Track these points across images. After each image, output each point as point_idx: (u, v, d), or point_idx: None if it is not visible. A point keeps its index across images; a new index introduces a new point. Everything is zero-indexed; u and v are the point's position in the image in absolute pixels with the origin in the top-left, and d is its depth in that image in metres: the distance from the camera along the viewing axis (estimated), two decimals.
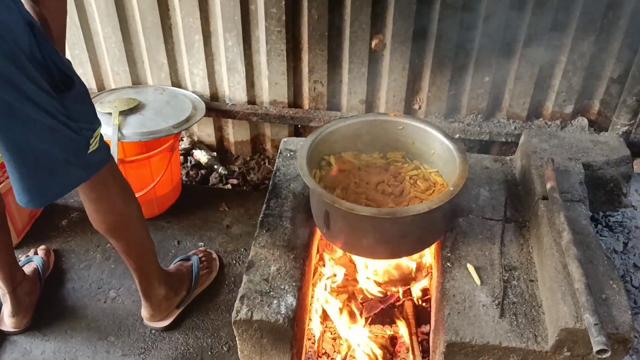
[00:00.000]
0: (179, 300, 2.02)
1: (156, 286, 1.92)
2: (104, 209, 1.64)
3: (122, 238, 1.74)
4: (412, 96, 2.51)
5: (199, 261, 2.15)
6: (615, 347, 1.40)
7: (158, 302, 1.95)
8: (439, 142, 1.80)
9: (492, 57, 2.31)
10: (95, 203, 1.63)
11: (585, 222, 1.65)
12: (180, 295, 2.03)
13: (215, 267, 2.21)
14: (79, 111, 1.40)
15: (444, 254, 1.69)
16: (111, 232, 1.70)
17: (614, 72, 2.29)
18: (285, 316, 1.51)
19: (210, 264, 2.19)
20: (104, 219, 1.66)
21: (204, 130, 2.83)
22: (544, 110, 2.47)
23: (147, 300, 1.94)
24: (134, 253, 1.79)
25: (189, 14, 2.40)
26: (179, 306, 2.02)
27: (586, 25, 2.17)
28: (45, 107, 1.29)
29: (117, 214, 1.67)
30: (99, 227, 1.68)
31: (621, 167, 1.99)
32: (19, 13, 1.23)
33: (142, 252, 1.83)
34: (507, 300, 1.55)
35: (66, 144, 1.38)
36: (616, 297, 1.44)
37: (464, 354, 1.48)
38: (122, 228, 1.71)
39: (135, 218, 1.74)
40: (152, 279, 1.90)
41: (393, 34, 2.30)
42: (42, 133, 1.32)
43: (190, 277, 2.08)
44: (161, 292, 1.94)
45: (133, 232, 1.76)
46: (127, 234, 1.74)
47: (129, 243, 1.77)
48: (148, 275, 1.88)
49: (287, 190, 1.93)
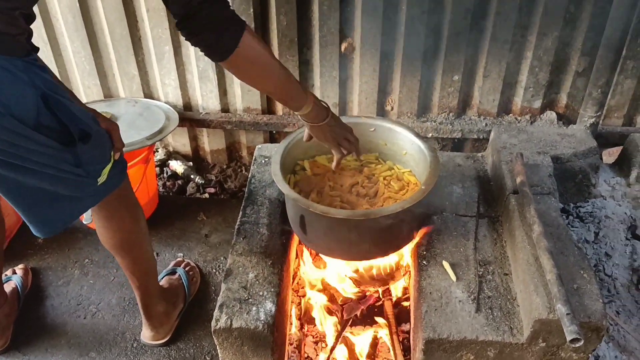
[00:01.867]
0: (177, 313, 2.03)
1: (156, 303, 1.92)
2: (113, 227, 1.65)
3: (129, 256, 1.74)
4: (384, 97, 2.53)
5: (185, 271, 2.16)
6: (588, 336, 1.42)
7: (159, 319, 1.95)
8: (410, 142, 1.82)
9: (460, 55, 2.34)
10: (105, 220, 1.63)
11: (555, 214, 1.69)
12: (179, 308, 2.04)
13: (198, 275, 2.22)
14: (91, 156, 1.35)
15: (419, 252, 1.71)
16: (119, 249, 1.70)
17: (579, 65, 2.34)
18: (264, 322, 1.51)
19: (194, 273, 2.21)
20: (113, 237, 1.67)
21: (179, 141, 2.83)
22: (513, 106, 2.51)
23: (149, 319, 1.93)
24: (139, 271, 1.79)
25: (158, 25, 2.40)
26: (175, 319, 2.03)
27: (549, 20, 2.22)
28: (48, 162, 1.24)
29: (125, 232, 1.68)
30: (107, 244, 1.69)
31: (589, 159, 2.04)
32: (29, 85, 1.15)
33: (147, 270, 1.83)
34: (483, 294, 1.57)
35: (70, 185, 1.35)
36: (587, 287, 1.47)
37: (442, 350, 1.50)
38: (130, 246, 1.71)
39: (143, 236, 1.75)
40: (154, 296, 1.90)
41: (362, 37, 2.33)
42: (42, 178, 1.28)
43: (183, 288, 2.10)
44: (161, 309, 1.94)
45: (140, 250, 1.77)
46: (134, 252, 1.74)
47: (135, 261, 1.76)
48: (150, 293, 1.88)
49: (262, 196, 1.94)
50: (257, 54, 1.37)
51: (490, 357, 1.50)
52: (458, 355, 1.51)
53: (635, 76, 2.38)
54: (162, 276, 2.15)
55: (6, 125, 1.12)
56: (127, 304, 2.12)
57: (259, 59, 1.39)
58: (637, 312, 1.91)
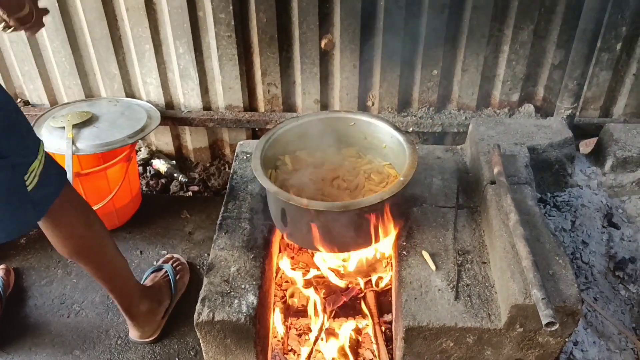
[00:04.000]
0: (164, 310, 2.01)
1: (138, 303, 1.89)
2: (62, 234, 1.59)
3: (89, 262, 1.69)
4: (365, 93, 2.56)
5: (172, 268, 2.14)
6: (564, 320, 1.45)
7: (144, 318, 1.93)
8: (389, 136, 1.85)
9: (438, 50, 2.37)
10: (53, 229, 1.57)
11: (531, 202, 1.72)
12: (164, 305, 2.02)
13: (187, 270, 2.21)
14: (5, 145, 1.30)
15: (399, 243, 1.74)
16: (76, 256, 1.66)
17: (555, 58, 2.38)
18: (246, 315, 1.53)
19: (183, 269, 2.19)
20: (65, 244, 1.61)
21: (162, 139, 2.83)
22: (492, 99, 2.55)
23: (133, 319, 1.91)
24: (106, 275, 1.75)
25: (138, 24, 2.40)
26: (163, 316, 2.01)
27: (524, 14, 2.26)
28: None
29: (77, 238, 1.62)
30: (62, 253, 1.64)
31: (564, 149, 2.07)
32: None
33: (115, 274, 1.79)
34: (462, 283, 1.60)
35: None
36: (563, 272, 1.50)
37: (422, 338, 1.53)
38: (86, 252, 1.66)
39: (100, 240, 1.69)
40: (133, 297, 1.87)
41: (341, 33, 2.35)
42: None
43: (169, 285, 2.08)
44: (144, 308, 1.92)
45: (100, 254, 1.71)
46: (93, 257, 1.69)
47: (98, 266, 1.72)
48: (127, 294, 1.84)
49: (244, 192, 1.95)
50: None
51: (469, 343, 1.53)
52: (438, 343, 1.54)
53: (610, 68, 2.42)
54: (148, 274, 2.14)
55: None
56: (110, 302, 2.12)
57: None
58: (614, 298, 1.95)
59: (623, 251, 2.02)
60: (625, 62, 2.43)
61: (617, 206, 2.14)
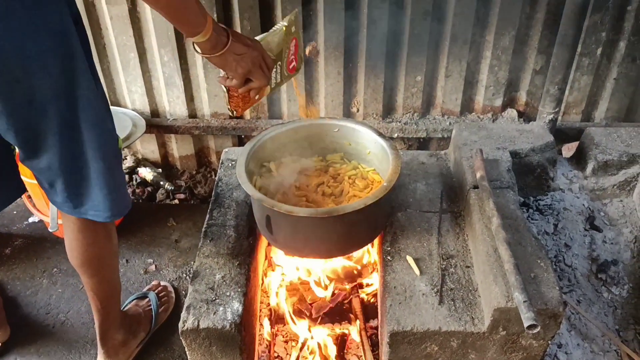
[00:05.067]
0: (137, 343, 1.95)
1: (115, 331, 1.84)
2: (86, 240, 1.59)
3: (96, 274, 1.67)
4: (350, 99, 2.58)
5: (157, 298, 2.08)
6: (546, 323, 1.47)
7: (115, 349, 1.86)
8: (373, 142, 1.86)
9: (421, 56, 2.40)
10: (78, 233, 1.57)
11: (513, 206, 1.73)
12: (139, 338, 1.95)
13: (172, 301, 2.15)
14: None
15: (384, 248, 1.75)
16: (87, 266, 1.64)
17: (536, 63, 2.41)
18: (231, 322, 1.53)
19: (168, 299, 2.14)
20: (85, 251, 1.60)
21: (148, 148, 2.83)
22: (475, 104, 2.58)
23: (104, 346, 1.83)
24: (103, 292, 1.73)
25: (122, 33, 2.40)
26: (137, 346, 1.96)
27: (505, 20, 2.29)
28: None
29: (97, 247, 1.62)
30: (77, 260, 1.62)
31: (546, 153, 2.10)
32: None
33: (112, 294, 1.77)
34: (446, 287, 1.61)
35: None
36: (544, 275, 1.51)
37: (407, 343, 1.53)
38: (100, 263, 1.66)
39: (114, 254, 1.71)
40: (113, 322, 1.82)
41: (325, 40, 2.37)
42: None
43: (149, 316, 2.01)
44: (119, 337, 1.86)
45: (108, 269, 1.71)
46: (102, 271, 1.69)
47: (102, 281, 1.70)
48: (110, 318, 1.80)
49: (230, 199, 1.95)
50: None
51: (453, 347, 1.54)
52: (423, 347, 1.55)
53: (591, 73, 2.46)
54: (132, 299, 2.09)
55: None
56: None
57: None
58: (597, 300, 1.97)
59: (605, 254, 2.05)
60: (605, 66, 2.47)
61: (599, 209, 2.16)
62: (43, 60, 1.20)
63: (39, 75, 1.21)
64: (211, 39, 1.30)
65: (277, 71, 1.59)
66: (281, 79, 1.63)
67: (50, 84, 1.23)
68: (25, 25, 1.15)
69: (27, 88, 1.21)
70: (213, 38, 1.30)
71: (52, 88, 1.24)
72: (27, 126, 1.27)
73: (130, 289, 2.21)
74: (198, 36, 1.28)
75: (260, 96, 1.57)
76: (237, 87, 1.46)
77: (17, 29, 1.13)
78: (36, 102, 1.24)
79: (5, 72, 1.16)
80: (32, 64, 1.18)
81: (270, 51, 1.51)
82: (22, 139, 1.29)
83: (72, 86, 1.27)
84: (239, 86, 1.46)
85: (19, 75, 1.18)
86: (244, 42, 1.38)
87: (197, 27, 1.27)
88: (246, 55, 1.39)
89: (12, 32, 1.13)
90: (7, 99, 1.20)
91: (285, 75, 1.64)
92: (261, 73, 1.44)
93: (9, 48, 1.14)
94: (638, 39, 2.36)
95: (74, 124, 1.31)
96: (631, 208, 2.15)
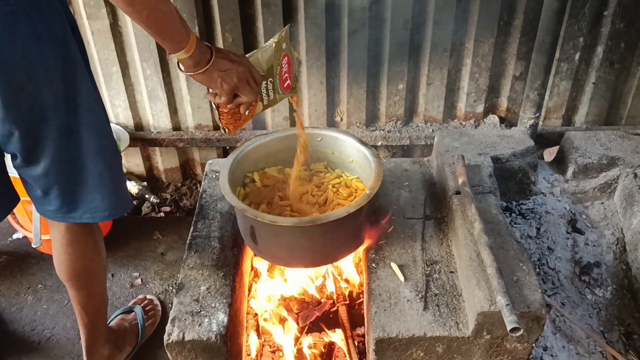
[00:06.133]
0: (124, 358, 1.94)
1: (101, 346, 1.83)
2: (75, 253, 1.59)
3: (84, 288, 1.67)
4: (333, 109, 2.59)
5: (143, 312, 2.07)
6: (529, 325, 1.48)
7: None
8: (355, 150, 1.88)
9: (402, 65, 2.42)
10: (67, 246, 1.57)
11: (495, 211, 1.75)
12: (125, 352, 1.94)
13: (158, 314, 2.14)
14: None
15: (369, 255, 1.76)
16: (76, 279, 1.64)
17: (516, 70, 2.45)
18: (217, 333, 1.53)
19: (154, 313, 2.13)
20: (74, 264, 1.60)
21: (132, 161, 2.82)
22: (457, 111, 2.60)
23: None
24: (91, 307, 1.72)
25: (104, 47, 2.40)
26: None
27: (484, 28, 2.32)
28: None
29: (87, 260, 1.62)
30: (66, 273, 1.62)
31: (527, 158, 2.12)
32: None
33: (99, 308, 1.76)
34: (430, 293, 1.62)
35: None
36: (526, 278, 1.53)
37: (393, 349, 1.54)
38: (87, 277, 1.65)
39: (102, 269, 1.71)
40: (100, 337, 1.82)
41: (307, 50, 2.38)
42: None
43: (136, 331, 2.00)
44: (105, 352, 1.85)
45: (96, 283, 1.71)
46: (90, 285, 1.68)
47: (90, 295, 1.70)
48: (97, 333, 1.79)
49: (214, 211, 1.96)
50: None
51: (439, 352, 1.55)
52: (408, 353, 1.55)
53: (570, 78, 2.50)
54: (118, 314, 2.07)
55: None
56: None
57: None
58: (581, 302, 1.99)
59: (588, 256, 2.07)
60: (584, 71, 2.50)
61: (581, 212, 2.19)
62: (46, 67, 1.23)
63: (42, 82, 1.23)
64: (194, 56, 1.31)
65: (268, 88, 1.58)
66: (274, 96, 1.63)
67: (52, 90, 1.26)
68: (30, 35, 1.18)
69: (30, 95, 1.23)
70: (196, 55, 1.31)
71: (54, 94, 1.27)
72: (29, 133, 1.29)
73: (116, 303, 2.20)
74: (180, 52, 1.28)
75: (251, 113, 1.57)
76: (225, 103, 1.46)
77: (21, 39, 1.16)
78: (38, 109, 1.26)
79: (11, 80, 1.19)
80: (35, 71, 1.21)
81: (260, 67, 1.51)
82: (23, 146, 1.30)
83: (73, 92, 1.30)
84: (227, 102, 1.45)
85: (24, 82, 1.21)
86: (229, 57, 1.38)
87: (179, 44, 1.27)
88: (231, 71, 1.38)
89: (17, 42, 1.16)
90: (12, 106, 1.22)
91: (280, 93, 1.64)
92: (249, 88, 1.44)
93: (15, 57, 1.17)
94: (615, 44, 2.40)
95: (74, 129, 1.34)
96: (612, 210, 2.18)
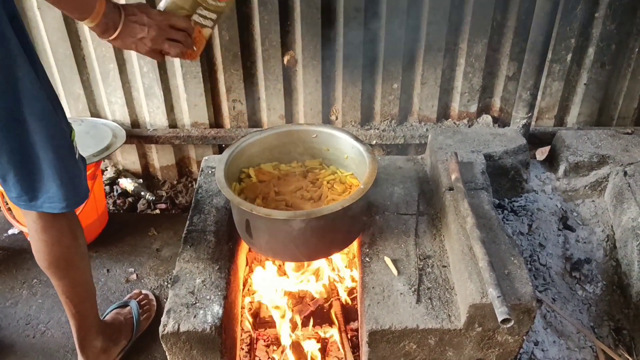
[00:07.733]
0: (119, 351, 1.93)
1: (94, 338, 1.81)
2: (51, 240, 1.57)
3: (65, 276, 1.65)
4: (329, 108, 2.61)
5: (138, 306, 2.07)
6: (520, 318, 1.51)
7: (96, 356, 1.83)
8: (350, 146, 1.90)
9: (397, 64, 2.45)
10: (42, 233, 1.55)
11: (487, 207, 1.78)
12: (120, 346, 1.93)
13: (153, 309, 2.14)
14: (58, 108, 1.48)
15: (363, 250, 1.78)
16: (55, 267, 1.61)
17: (509, 70, 2.48)
18: (212, 325, 1.54)
19: (149, 307, 2.13)
20: (49, 252, 1.58)
21: (128, 158, 2.83)
22: (451, 111, 2.63)
23: (83, 353, 1.81)
24: (76, 296, 1.70)
25: (101, 44, 2.42)
26: (119, 354, 1.94)
27: (478, 28, 2.35)
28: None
29: (64, 247, 1.60)
30: (44, 260, 1.60)
31: (519, 156, 2.15)
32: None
33: (85, 297, 1.74)
34: (423, 286, 1.64)
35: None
36: (518, 272, 1.56)
37: (386, 341, 1.56)
38: (66, 264, 1.63)
39: (82, 255, 1.67)
40: (91, 328, 1.80)
41: (303, 49, 2.41)
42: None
43: (131, 324, 2.00)
44: (98, 345, 1.83)
45: (78, 271, 1.68)
46: (71, 272, 1.66)
47: (72, 283, 1.68)
48: (87, 324, 1.77)
49: (209, 205, 1.97)
50: None
51: (431, 344, 1.57)
52: (401, 345, 1.57)
53: (562, 78, 2.53)
54: (113, 308, 2.07)
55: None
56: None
57: None
58: (571, 298, 2.01)
59: (579, 252, 2.10)
60: (576, 72, 2.54)
61: (572, 209, 2.22)
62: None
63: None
64: (100, 25, 1.31)
65: (203, 14, 1.51)
66: (215, 14, 1.55)
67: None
68: None
69: None
70: (102, 24, 1.31)
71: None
72: None
73: (111, 298, 2.21)
74: (86, 21, 1.29)
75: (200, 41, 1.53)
76: (157, 60, 1.48)
77: None
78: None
79: None
80: None
81: (182, 8, 1.47)
82: None
83: (13, 80, 1.29)
84: (157, 59, 1.48)
85: None
86: (141, 21, 1.37)
87: (82, 13, 1.28)
88: (145, 38, 1.39)
89: None
90: None
91: (220, 6, 1.54)
92: (169, 44, 1.43)
93: None
94: (606, 45, 2.44)
95: (18, 117, 1.33)
96: (603, 208, 2.21)
